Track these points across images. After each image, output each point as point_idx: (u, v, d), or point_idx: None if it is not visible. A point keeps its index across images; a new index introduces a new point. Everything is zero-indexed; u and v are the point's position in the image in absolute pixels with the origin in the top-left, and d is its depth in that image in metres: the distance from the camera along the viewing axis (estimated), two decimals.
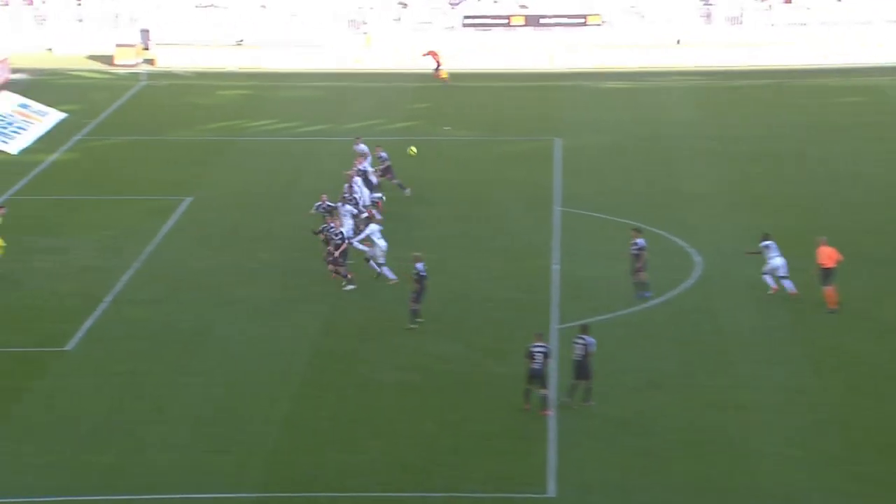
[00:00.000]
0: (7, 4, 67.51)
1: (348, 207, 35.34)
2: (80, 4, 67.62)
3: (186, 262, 35.43)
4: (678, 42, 66.16)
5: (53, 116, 52.31)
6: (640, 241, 32.66)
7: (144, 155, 47.66)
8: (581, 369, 26.48)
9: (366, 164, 38.85)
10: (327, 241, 33.14)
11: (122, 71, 62.38)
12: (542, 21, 67.22)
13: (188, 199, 41.23)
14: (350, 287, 32.80)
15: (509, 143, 49.39)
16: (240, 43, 65.62)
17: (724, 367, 28.97)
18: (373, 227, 33.68)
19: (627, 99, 57.40)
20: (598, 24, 67.17)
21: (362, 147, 40.34)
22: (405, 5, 68.41)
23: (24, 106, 52.74)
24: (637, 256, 32.42)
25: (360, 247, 33.73)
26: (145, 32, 66.15)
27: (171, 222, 39.07)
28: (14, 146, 48.34)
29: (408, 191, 40.87)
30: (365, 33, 66.48)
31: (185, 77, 61.83)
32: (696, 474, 24.27)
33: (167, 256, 36.00)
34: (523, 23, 67.29)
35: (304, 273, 34.19)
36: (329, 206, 35.05)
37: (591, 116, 53.62)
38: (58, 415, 26.27)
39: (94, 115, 53.41)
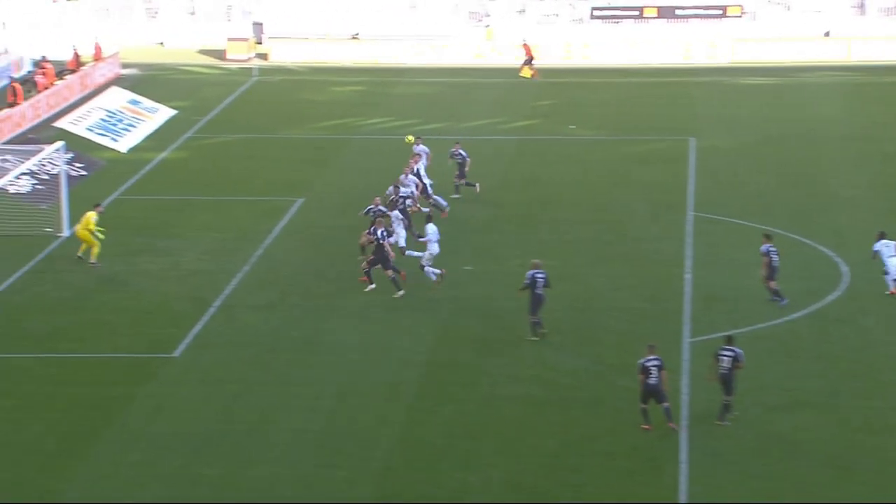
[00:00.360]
0: None
1: (396, 213, 35.63)
2: None
3: (297, 267, 35.84)
4: (827, 35, 64.89)
5: (164, 113, 53.54)
6: (764, 247, 32.30)
7: (255, 154, 48.42)
8: (727, 383, 26.10)
9: (419, 166, 39.02)
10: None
11: (233, 66, 63.53)
12: (677, 13, 66.59)
13: (300, 201, 41.75)
14: (370, 287, 33.05)
15: (639, 143, 48.97)
16: (356, 37, 66.32)
17: (874, 386, 28.26)
18: (432, 229, 33.64)
19: (769, 96, 56.49)
20: (739, 16, 66.27)
21: (422, 148, 40.56)
22: None
23: (134, 102, 54.10)
24: (765, 264, 32.14)
25: (414, 254, 34.18)
26: (258, 26, 67.28)
27: (281, 224, 39.61)
28: (123, 144, 49.57)
29: (476, 186, 41.04)
30: (487, 26, 66.60)
31: (299, 72, 62.70)
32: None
33: (277, 260, 36.47)
34: (656, 15, 66.72)
35: (418, 279, 34.32)
36: (381, 210, 35.30)
37: (728, 114, 52.90)
38: (165, 424, 26.78)
39: (204, 111, 54.48)
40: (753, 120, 51.90)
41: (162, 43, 67.70)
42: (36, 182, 41.54)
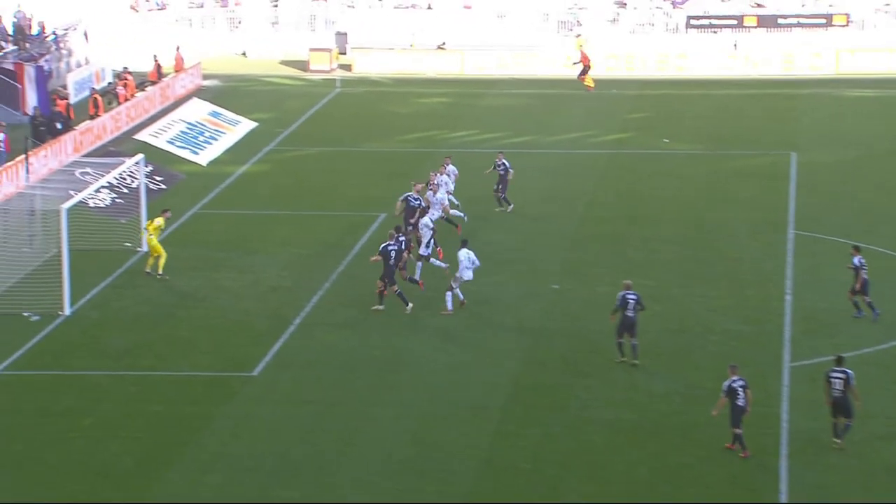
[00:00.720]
0: (202, 6, 70.38)
1: (425, 220, 35.90)
2: (276, 6, 69.93)
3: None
4: None
5: (245, 125, 54.20)
6: (857, 259, 32.18)
7: (337, 167, 48.83)
8: (844, 406, 25.79)
9: (438, 180, 39.29)
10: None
11: (316, 77, 64.16)
12: (779, 21, 65.99)
13: (382, 216, 42.00)
14: (408, 307, 33.24)
15: (737, 158, 48.57)
16: (441, 46, 66.58)
17: None
18: (465, 254, 33.49)
19: (876, 109, 55.76)
20: (844, 25, 65.49)
21: (451, 168, 40.90)
22: (623, 5, 68.18)
23: (215, 114, 54.83)
24: (857, 277, 32.07)
25: (439, 263, 34.80)
26: (342, 36, 67.89)
27: (363, 240, 39.87)
28: (204, 157, 50.27)
29: (510, 207, 41.45)
30: (577, 36, 66.51)
31: (383, 83, 63.12)
32: None
33: (360, 277, 36.67)
34: (756, 24, 66.17)
35: (501, 297, 34.35)
36: (416, 200, 36.42)
37: (832, 128, 52.32)
38: (244, 445, 27.03)
39: (286, 124, 55.08)
40: (859, 134, 51.23)
41: (244, 53, 68.57)
42: (115, 196, 42.24)
